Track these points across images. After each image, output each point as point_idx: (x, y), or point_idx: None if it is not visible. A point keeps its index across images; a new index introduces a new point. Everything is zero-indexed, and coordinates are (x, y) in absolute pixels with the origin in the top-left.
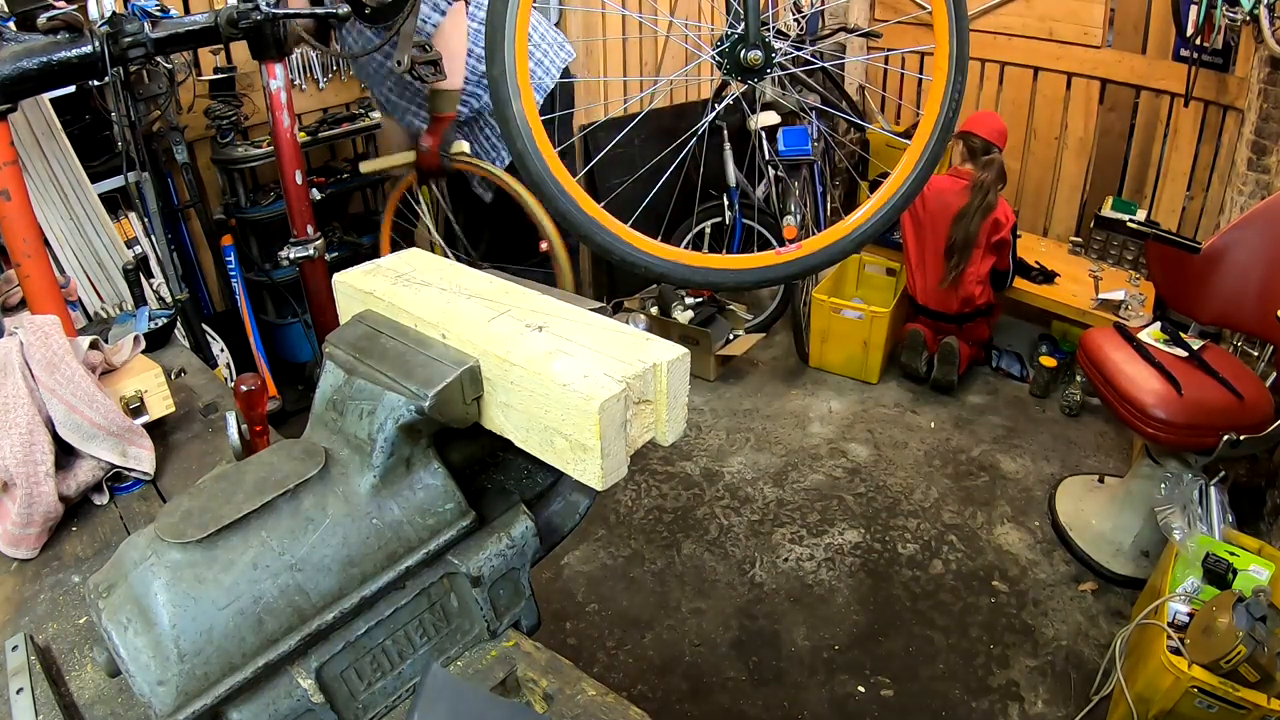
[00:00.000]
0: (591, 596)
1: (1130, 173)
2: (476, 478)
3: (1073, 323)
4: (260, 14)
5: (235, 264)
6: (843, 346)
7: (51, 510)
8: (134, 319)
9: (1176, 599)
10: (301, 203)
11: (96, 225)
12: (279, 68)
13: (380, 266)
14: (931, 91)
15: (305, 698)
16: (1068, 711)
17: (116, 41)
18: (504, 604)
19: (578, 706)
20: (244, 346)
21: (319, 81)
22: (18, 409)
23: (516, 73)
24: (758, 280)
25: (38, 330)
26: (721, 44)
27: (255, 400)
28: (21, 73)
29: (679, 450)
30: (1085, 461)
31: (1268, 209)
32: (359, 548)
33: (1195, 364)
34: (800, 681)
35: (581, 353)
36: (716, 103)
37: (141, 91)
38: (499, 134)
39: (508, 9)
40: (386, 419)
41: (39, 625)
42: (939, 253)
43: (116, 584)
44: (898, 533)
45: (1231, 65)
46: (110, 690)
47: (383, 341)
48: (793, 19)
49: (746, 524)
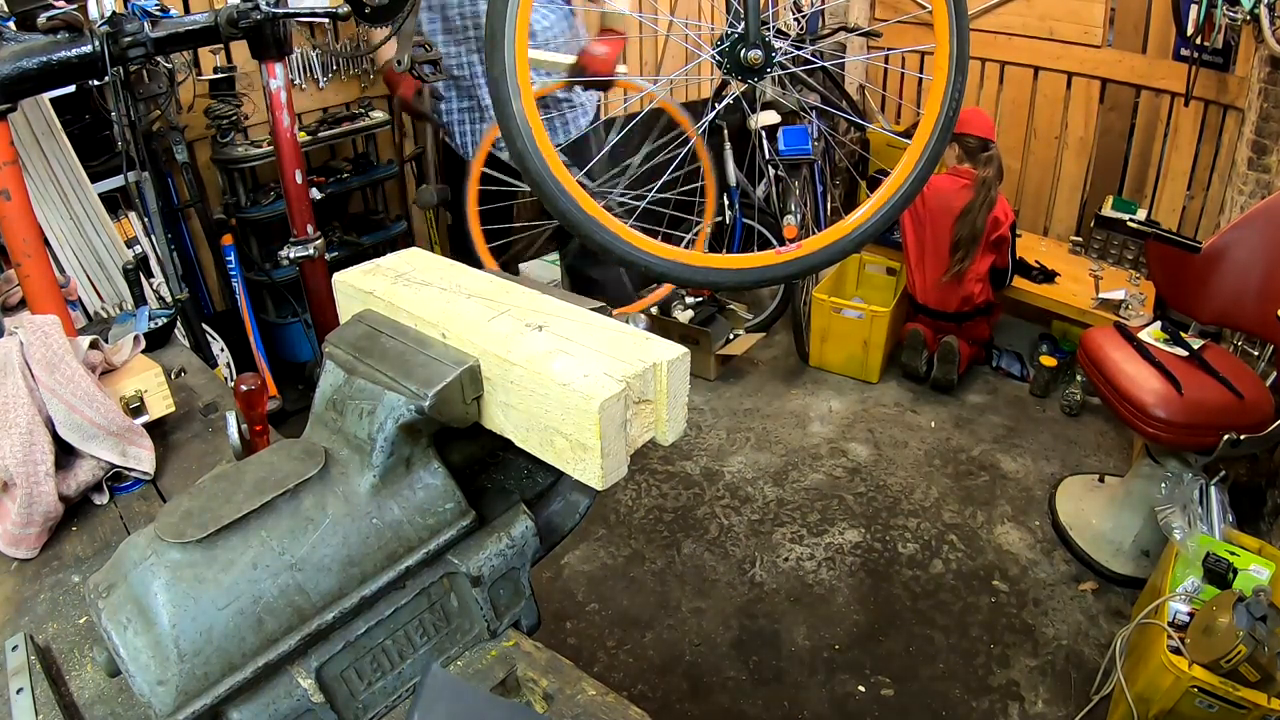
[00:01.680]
0: (591, 596)
1: (1130, 172)
2: (476, 477)
3: (1073, 322)
4: (260, 13)
5: (235, 263)
6: (843, 346)
7: (51, 510)
8: (134, 319)
9: (1177, 599)
10: (301, 202)
11: (96, 225)
12: (279, 67)
13: (380, 266)
14: (932, 91)
15: (305, 698)
16: (1068, 711)
17: (116, 41)
18: (504, 604)
19: (578, 706)
20: (244, 346)
21: (319, 81)
22: (18, 409)
23: (517, 72)
24: (758, 280)
25: (38, 330)
26: (722, 43)
27: (255, 400)
28: (21, 72)
29: (679, 450)
30: (1085, 461)
31: (1268, 208)
32: (359, 547)
33: (1195, 363)
34: (800, 681)
35: (581, 352)
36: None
37: (141, 91)
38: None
39: (508, 9)
40: (386, 419)
41: (39, 625)
42: (939, 252)
43: (116, 584)
44: (898, 532)
45: (1232, 65)
46: (110, 690)
47: (383, 341)
48: (793, 18)
49: (747, 523)
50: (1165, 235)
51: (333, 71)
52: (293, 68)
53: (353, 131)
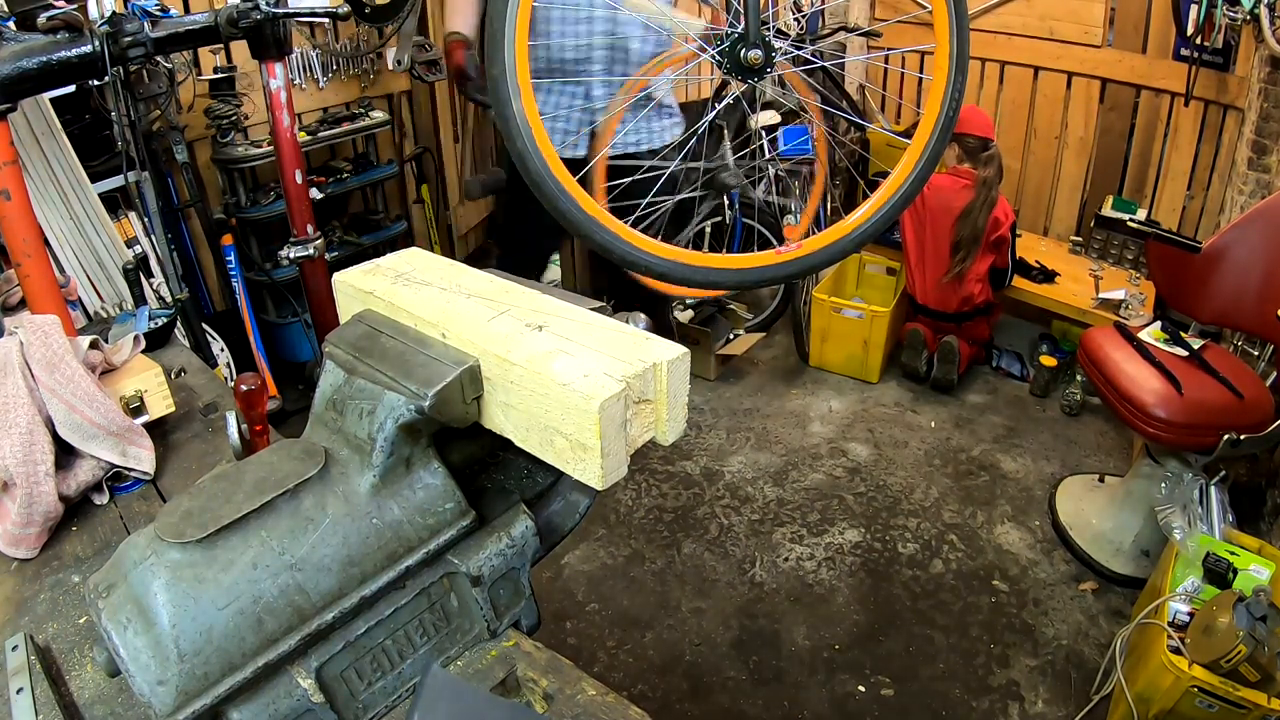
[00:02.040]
0: (592, 596)
1: (1130, 172)
2: (476, 477)
3: (1073, 322)
4: (260, 13)
5: (235, 263)
6: (843, 346)
7: (51, 510)
8: (134, 318)
9: (1177, 598)
10: (301, 202)
11: (96, 225)
12: (279, 67)
13: (380, 266)
14: (932, 91)
15: (305, 697)
16: (1068, 711)
17: (116, 41)
18: (504, 603)
19: (578, 706)
20: (244, 346)
21: (319, 81)
22: (18, 409)
23: (517, 72)
24: (758, 280)
25: (38, 330)
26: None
27: (255, 400)
28: (21, 72)
29: (679, 450)
30: (1085, 461)
31: (1268, 208)
32: (359, 547)
33: (1195, 363)
34: (800, 681)
35: (582, 352)
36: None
37: (141, 91)
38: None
39: (508, 9)
40: (386, 418)
41: (39, 625)
42: (939, 252)
43: (116, 584)
44: (898, 532)
45: (1232, 65)
46: (110, 690)
47: (382, 341)
48: (793, 18)
49: (747, 523)
50: (1165, 235)
51: (333, 71)
52: (293, 68)
53: (353, 131)
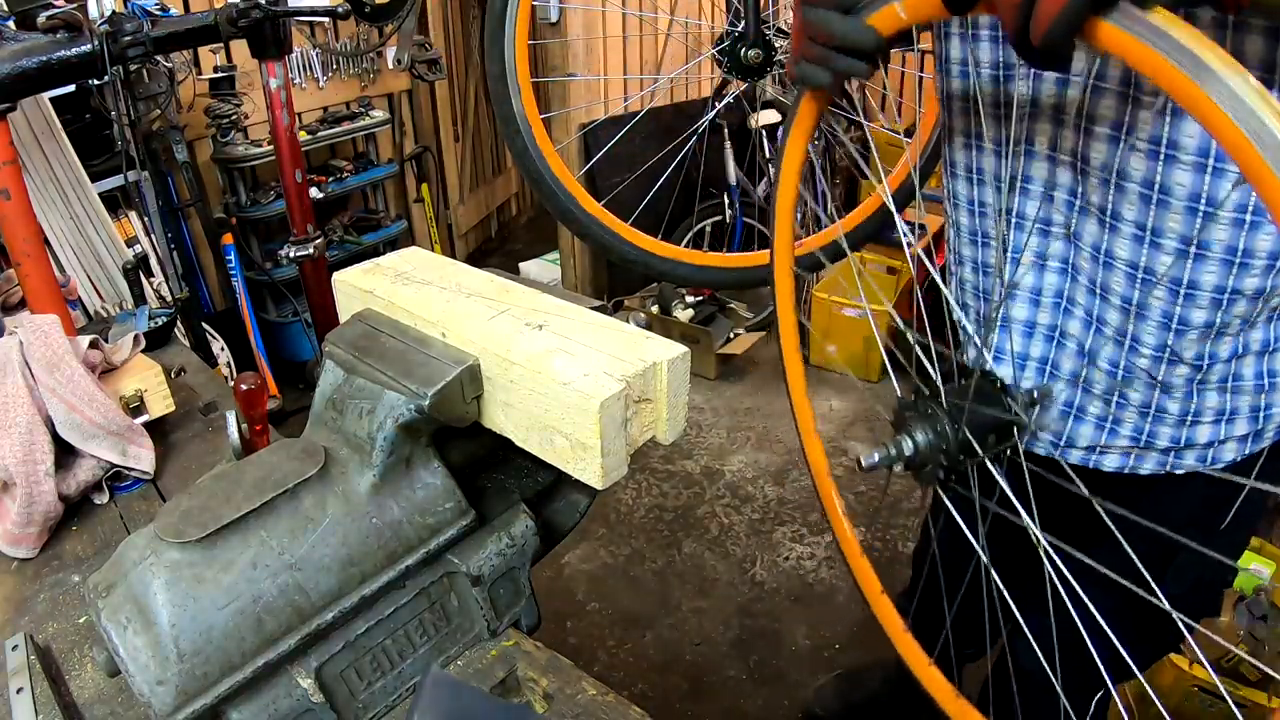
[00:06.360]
0: (592, 595)
1: None
2: (477, 477)
3: None
4: (260, 12)
5: (235, 263)
6: (844, 344)
7: (51, 510)
8: (134, 318)
9: None
10: (301, 201)
11: (96, 224)
12: (279, 66)
13: (380, 265)
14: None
15: (305, 697)
16: None
17: (116, 40)
18: (504, 603)
19: (578, 706)
20: (244, 345)
21: (319, 80)
22: (18, 408)
23: (517, 71)
24: (759, 278)
25: (38, 329)
26: (722, 42)
27: (255, 399)
28: (21, 72)
29: (679, 449)
30: None
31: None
32: (359, 547)
33: None
34: (801, 680)
35: (582, 351)
36: (717, 101)
37: (141, 90)
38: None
39: (508, 7)
40: (386, 418)
41: (39, 625)
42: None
43: (116, 584)
44: (899, 531)
45: None
46: (110, 690)
47: (382, 340)
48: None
49: (747, 523)
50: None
51: (333, 70)
52: (293, 67)
53: (353, 131)
